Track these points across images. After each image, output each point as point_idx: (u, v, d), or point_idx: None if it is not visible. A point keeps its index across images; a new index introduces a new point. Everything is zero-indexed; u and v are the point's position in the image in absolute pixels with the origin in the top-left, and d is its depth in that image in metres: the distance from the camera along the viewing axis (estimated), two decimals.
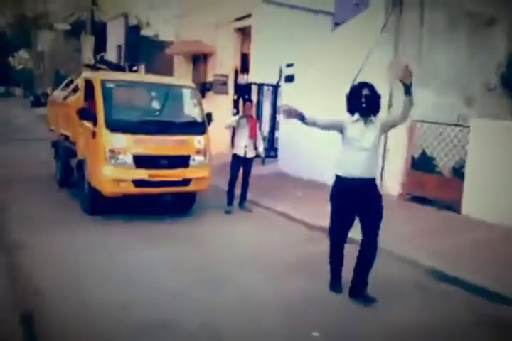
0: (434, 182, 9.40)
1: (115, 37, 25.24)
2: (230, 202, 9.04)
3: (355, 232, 5.35)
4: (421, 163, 9.73)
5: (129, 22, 23.72)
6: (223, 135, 11.47)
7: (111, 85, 8.28)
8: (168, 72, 18.01)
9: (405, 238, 7.26)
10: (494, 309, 5.23)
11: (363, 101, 5.00)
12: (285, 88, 12.98)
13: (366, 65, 9.69)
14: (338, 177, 5.22)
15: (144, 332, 4.38)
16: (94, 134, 8.00)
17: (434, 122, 9.29)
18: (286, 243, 7.39)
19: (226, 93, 15.48)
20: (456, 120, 9.35)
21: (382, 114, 5.32)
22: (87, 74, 9.26)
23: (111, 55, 25.58)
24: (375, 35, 9.83)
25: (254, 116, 9.54)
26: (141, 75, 13.24)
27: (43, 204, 8.88)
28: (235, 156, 9.06)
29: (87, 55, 26.82)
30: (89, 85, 8.59)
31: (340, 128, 5.15)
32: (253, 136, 8.97)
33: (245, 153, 8.94)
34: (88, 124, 8.20)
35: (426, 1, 9.81)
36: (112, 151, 7.75)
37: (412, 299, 5.44)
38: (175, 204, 9.09)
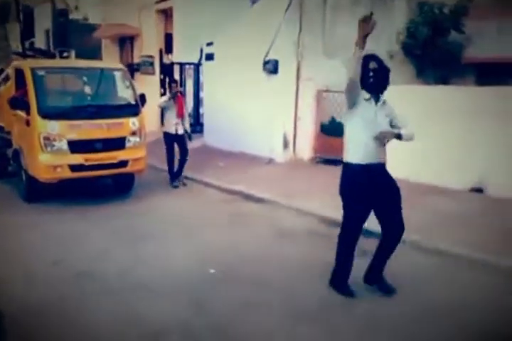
0: (341, 144, 9.80)
1: (43, 22, 24.14)
2: (173, 177, 9.41)
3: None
4: (330, 129, 10.31)
5: (56, 6, 22.67)
6: (152, 114, 11.75)
7: (41, 73, 8.02)
8: (98, 55, 17.64)
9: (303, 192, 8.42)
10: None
11: (370, 76, 4.28)
12: (206, 66, 13.33)
13: (277, 41, 10.43)
14: (351, 166, 4.47)
15: (74, 280, 5.05)
16: (28, 122, 7.76)
17: (337, 91, 9.67)
18: (206, 206, 8.14)
19: (153, 73, 15.61)
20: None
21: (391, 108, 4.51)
22: (16, 62, 8.91)
23: (40, 41, 24.52)
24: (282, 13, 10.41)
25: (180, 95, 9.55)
26: (71, 61, 12.78)
27: None
28: (166, 134, 9.36)
29: (15, 43, 25.52)
30: (19, 74, 8.28)
31: (357, 99, 4.34)
32: (181, 115, 9.27)
33: (176, 130, 9.24)
34: (21, 113, 7.94)
35: None
36: (46, 138, 7.56)
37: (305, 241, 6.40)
38: (115, 188, 8.99)
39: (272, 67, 10.74)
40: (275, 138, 10.91)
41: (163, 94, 13.95)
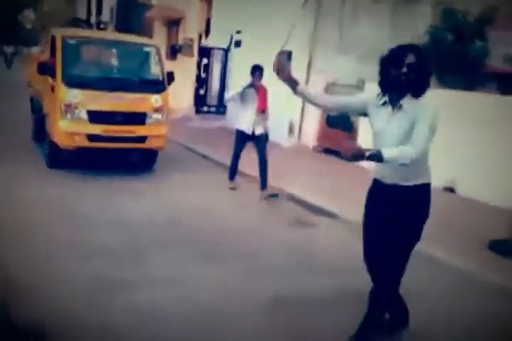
0: (342, 136, 9.83)
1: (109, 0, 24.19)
2: (232, 177, 7.67)
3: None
4: (335, 121, 10.34)
5: None
6: (185, 92, 11.41)
7: (71, 41, 7.75)
8: (150, 34, 17.61)
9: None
10: None
11: (402, 73, 2.95)
12: (234, 52, 13.44)
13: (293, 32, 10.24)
14: (373, 180, 3.34)
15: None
16: (52, 89, 7.49)
17: (345, 84, 9.72)
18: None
19: (192, 55, 15.47)
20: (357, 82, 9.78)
21: (425, 109, 3.01)
22: (54, 30, 8.63)
23: (105, 17, 24.57)
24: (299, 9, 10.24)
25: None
26: (105, 33, 12.45)
27: (14, 156, 8.31)
28: (239, 133, 7.39)
29: (82, 16, 25.78)
30: (53, 41, 8.01)
31: (362, 112, 3.28)
32: (263, 110, 7.29)
33: (253, 129, 7.27)
34: (49, 79, 7.66)
35: None
36: (67, 106, 7.27)
37: None
38: (138, 163, 8.60)
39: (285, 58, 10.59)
40: (283, 123, 11.02)
41: (197, 76, 13.72)
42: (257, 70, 7.17)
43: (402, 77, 2.97)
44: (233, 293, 4.16)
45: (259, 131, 7.28)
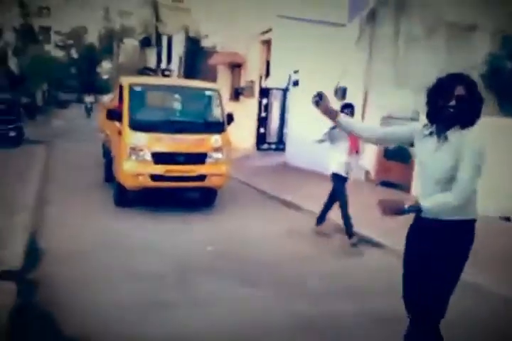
0: (399, 169, 10.08)
1: (177, 48, 25.44)
2: (350, 231, 6.69)
3: None
4: (393, 153, 10.28)
5: (189, 34, 23.83)
6: (247, 132, 12.47)
7: (138, 88, 8.24)
8: (214, 78, 18.36)
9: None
10: None
11: (451, 106, 2.82)
12: (292, 91, 14.05)
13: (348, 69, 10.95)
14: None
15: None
16: (120, 133, 7.94)
17: (400, 117, 9.64)
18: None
19: (253, 96, 16.12)
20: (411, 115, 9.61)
21: (472, 141, 2.85)
22: (121, 78, 9.22)
23: (175, 64, 25.79)
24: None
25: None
26: (169, 79, 13.17)
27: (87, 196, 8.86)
28: (335, 176, 6.65)
29: (151, 65, 27.22)
30: (121, 88, 8.55)
31: (408, 142, 3.14)
32: (356, 150, 6.69)
33: (347, 171, 6.63)
34: (116, 124, 8.15)
35: (401, 14, 10.12)
36: (133, 148, 7.66)
37: None
38: (199, 200, 8.84)
39: (340, 94, 11.05)
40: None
41: (259, 115, 14.08)
42: (347, 108, 6.61)
43: (450, 109, 2.83)
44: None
45: (351, 173, 6.71)
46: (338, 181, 6.62)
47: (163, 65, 26.17)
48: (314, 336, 4.03)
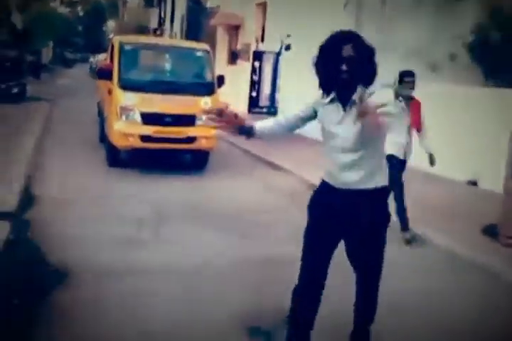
0: None
1: (180, 8, 24.92)
2: (404, 225, 5.36)
3: None
4: None
5: None
6: (240, 95, 12.68)
7: (128, 47, 8.11)
8: (213, 41, 18.13)
9: None
10: None
11: (343, 70, 2.48)
12: (284, 56, 13.72)
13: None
14: (321, 182, 2.80)
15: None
16: (110, 92, 7.86)
17: (385, 83, 9.08)
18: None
19: (248, 59, 15.84)
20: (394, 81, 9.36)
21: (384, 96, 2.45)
22: (114, 37, 9.05)
23: (176, 25, 25.33)
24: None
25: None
26: (160, 39, 12.95)
27: (81, 154, 8.87)
28: (391, 158, 4.88)
29: (153, 25, 26.70)
30: (113, 48, 8.41)
31: (313, 117, 2.79)
32: (417, 128, 5.41)
33: (405, 153, 5.29)
34: (108, 83, 8.05)
35: None
36: (122, 108, 7.60)
37: None
38: (191, 163, 8.80)
39: None
40: None
41: (252, 78, 13.89)
42: (407, 76, 5.22)
43: (342, 74, 2.49)
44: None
45: (410, 156, 5.39)
46: (393, 166, 4.75)
47: (167, 26, 25.68)
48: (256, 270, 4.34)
